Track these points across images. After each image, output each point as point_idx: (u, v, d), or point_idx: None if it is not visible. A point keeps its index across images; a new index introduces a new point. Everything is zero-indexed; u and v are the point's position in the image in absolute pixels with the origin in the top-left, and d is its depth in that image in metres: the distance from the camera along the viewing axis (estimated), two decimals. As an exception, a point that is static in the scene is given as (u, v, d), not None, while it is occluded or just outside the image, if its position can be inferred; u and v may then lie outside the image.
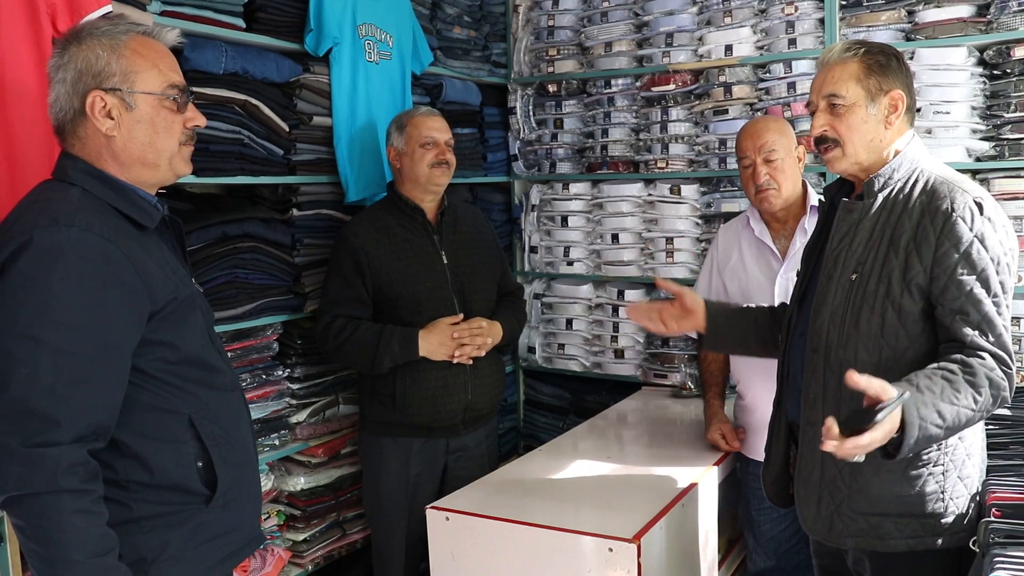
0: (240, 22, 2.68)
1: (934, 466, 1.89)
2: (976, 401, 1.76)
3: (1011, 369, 1.80)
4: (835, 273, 1.97)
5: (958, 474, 1.91)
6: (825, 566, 2.24)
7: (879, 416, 1.60)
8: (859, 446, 1.61)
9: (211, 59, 2.57)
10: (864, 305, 1.90)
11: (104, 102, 1.61)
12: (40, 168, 2.04)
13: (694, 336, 3.02)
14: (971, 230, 1.81)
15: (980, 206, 1.83)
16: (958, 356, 1.79)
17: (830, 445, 1.61)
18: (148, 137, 1.65)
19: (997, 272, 1.82)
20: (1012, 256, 1.87)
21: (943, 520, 1.90)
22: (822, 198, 2.77)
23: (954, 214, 1.82)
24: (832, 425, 1.61)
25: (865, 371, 1.83)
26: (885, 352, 1.88)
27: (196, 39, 2.51)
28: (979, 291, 1.80)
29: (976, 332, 1.80)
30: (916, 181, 1.92)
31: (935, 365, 1.79)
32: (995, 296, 1.81)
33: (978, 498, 1.95)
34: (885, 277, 1.87)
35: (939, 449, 1.88)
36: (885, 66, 1.94)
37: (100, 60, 1.61)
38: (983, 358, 1.78)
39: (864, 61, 1.94)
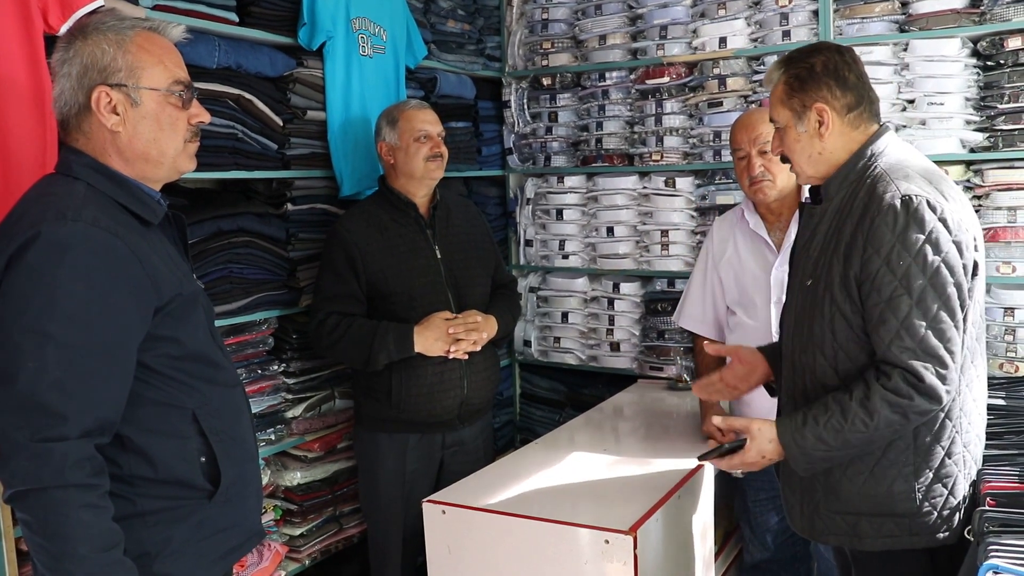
0: (233, 16, 2.67)
1: (903, 467, 1.88)
2: (867, 425, 1.79)
3: (925, 381, 1.75)
4: (796, 278, 2.00)
5: (934, 474, 1.89)
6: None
7: (711, 454, 2.09)
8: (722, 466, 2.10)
9: (204, 53, 2.56)
10: (816, 312, 1.90)
11: (109, 98, 1.60)
12: (32, 163, 2.04)
13: (689, 330, 3.03)
14: (893, 231, 1.77)
15: (907, 202, 1.77)
16: (868, 376, 1.82)
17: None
18: (153, 133, 1.65)
19: (924, 271, 1.76)
20: (958, 249, 1.79)
21: (918, 519, 1.89)
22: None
23: (879, 216, 1.79)
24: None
25: (825, 375, 1.91)
26: (841, 356, 1.89)
27: (189, 33, 2.50)
28: (899, 296, 1.76)
29: (894, 340, 1.77)
30: (867, 179, 1.88)
31: (842, 389, 1.86)
32: (919, 300, 1.76)
33: (966, 495, 1.94)
34: (830, 284, 1.87)
35: (907, 449, 1.87)
36: (805, 79, 1.92)
37: (106, 55, 1.60)
38: (888, 377, 1.78)
39: (786, 81, 1.95)
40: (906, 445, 1.87)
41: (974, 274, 1.85)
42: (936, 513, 1.89)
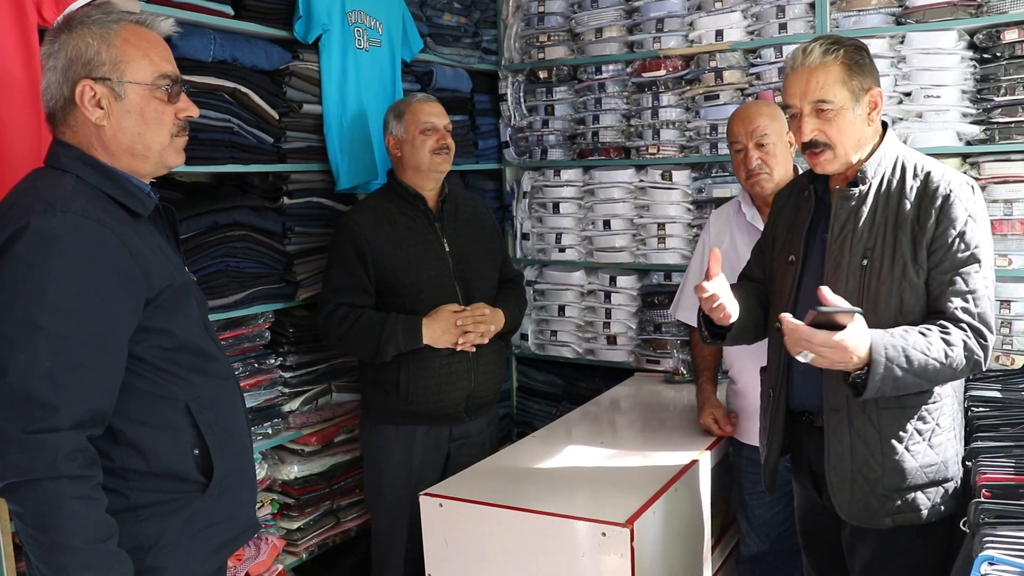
0: (228, 9, 2.66)
1: (949, 431, 2.00)
2: (947, 356, 1.85)
3: (987, 341, 1.90)
4: (842, 261, 2.00)
5: (961, 438, 2.06)
6: (812, 540, 2.26)
7: (825, 309, 1.74)
8: (808, 339, 1.77)
9: (200, 47, 2.56)
10: (881, 289, 1.95)
11: (94, 91, 1.60)
12: (27, 156, 2.04)
13: (686, 322, 3.02)
14: (966, 209, 1.91)
15: (972, 187, 1.95)
16: (940, 320, 1.90)
17: (787, 327, 1.81)
18: (138, 128, 1.64)
19: (989, 247, 1.94)
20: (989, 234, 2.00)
21: (959, 480, 2.02)
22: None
23: (952, 194, 1.91)
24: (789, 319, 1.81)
25: None
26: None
27: (184, 26, 2.49)
28: (971, 265, 1.90)
29: (961, 303, 1.89)
30: (904, 167, 1.99)
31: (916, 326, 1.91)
32: (986, 272, 1.92)
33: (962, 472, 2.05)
34: (900, 259, 1.94)
35: (952, 415, 2.01)
36: (863, 64, 1.98)
37: (90, 49, 1.60)
38: (963, 327, 1.88)
39: (844, 62, 1.96)
40: (951, 411, 2.00)
41: None
42: (961, 473, 2.03)
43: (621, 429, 3.02)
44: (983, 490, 1.82)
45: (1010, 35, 2.88)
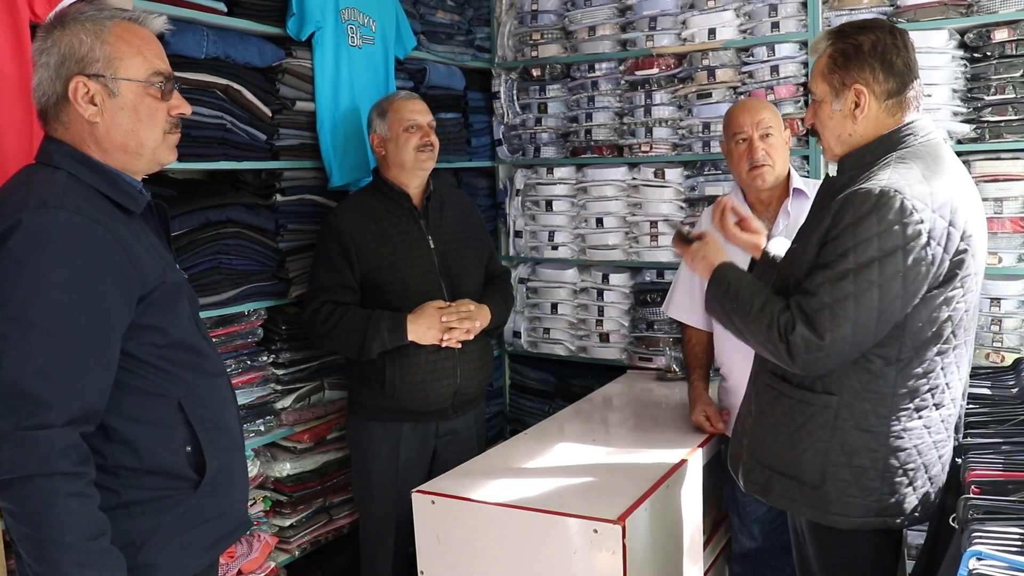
0: (221, 6, 2.66)
1: (817, 441, 1.93)
2: (749, 312, 1.92)
3: (791, 334, 1.81)
4: (791, 245, 2.06)
5: (848, 460, 1.90)
6: (796, 532, 2.28)
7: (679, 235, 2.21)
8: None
9: (192, 43, 2.55)
10: (790, 276, 1.96)
11: (87, 88, 1.60)
12: (19, 152, 2.04)
13: (678, 320, 3.03)
14: (854, 215, 1.77)
15: (880, 193, 1.76)
16: (790, 298, 1.89)
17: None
18: (131, 124, 1.64)
19: (856, 259, 1.76)
20: (922, 258, 1.77)
21: (819, 492, 1.93)
22: (806, 181, 2.80)
23: (848, 197, 1.80)
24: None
25: None
26: None
27: (177, 23, 2.49)
28: (829, 268, 1.79)
29: (800, 293, 1.84)
30: (880, 164, 1.86)
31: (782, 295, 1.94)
32: (836, 279, 1.78)
33: (905, 486, 1.94)
34: (801, 251, 1.93)
35: (825, 427, 1.91)
36: (850, 57, 1.88)
37: (83, 45, 1.59)
38: (789, 310, 1.85)
39: (830, 54, 1.92)
40: (824, 422, 1.92)
41: (957, 267, 1.85)
42: (835, 495, 1.92)
43: (613, 426, 3.03)
44: (972, 486, 1.83)
45: (1000, 34, 2.90)
